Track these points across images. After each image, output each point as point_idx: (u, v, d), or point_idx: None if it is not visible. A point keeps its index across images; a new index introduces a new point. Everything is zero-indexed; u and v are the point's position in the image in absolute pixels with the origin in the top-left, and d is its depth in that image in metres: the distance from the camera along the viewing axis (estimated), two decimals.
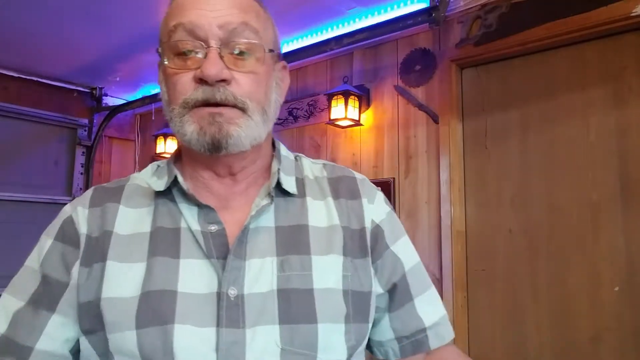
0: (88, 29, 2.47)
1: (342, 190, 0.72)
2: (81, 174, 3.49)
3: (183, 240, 0.63)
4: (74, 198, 3.38)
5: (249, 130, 0.63)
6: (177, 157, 0.73)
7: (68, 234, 0.66)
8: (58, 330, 0.63)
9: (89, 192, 0.71)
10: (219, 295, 0.60)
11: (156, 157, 3.43)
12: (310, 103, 2.64)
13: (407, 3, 2.15)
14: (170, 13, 0.65)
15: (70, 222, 0.67)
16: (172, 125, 0.64)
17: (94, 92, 3.48)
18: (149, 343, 0.58)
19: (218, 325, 0.58)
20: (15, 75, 3.13)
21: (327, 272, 0.64)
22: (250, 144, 0.63)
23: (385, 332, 0.72)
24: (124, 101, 3.49)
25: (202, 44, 0.61)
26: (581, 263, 1.77)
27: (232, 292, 0.60)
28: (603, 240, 1.74)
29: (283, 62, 0.72)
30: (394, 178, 2.27)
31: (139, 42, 2.61)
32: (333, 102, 2.32)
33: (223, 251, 0.62)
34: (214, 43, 0.61)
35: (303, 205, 0.69)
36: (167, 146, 3.27)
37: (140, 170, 0.75)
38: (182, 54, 0.62)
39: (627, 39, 1.74)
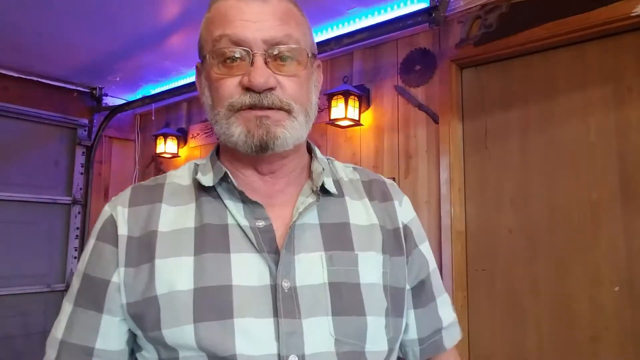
0: (88, 29, 2.47)
1: (375, 192, 0.77)
2: (81, 174, 3.48)
3: (232, 235, 0.66)
4: (73, 198, 3.42)
5: (293, 130, 0.66)
6: (217, 155, 0.75)
7: (109, 234, 0.68)
8: (111, 329, 0.65)
9: (127, 191, 0.72)
10: (273, 287, 0.63)
11: (156, 157, 3.43)
12: None
13: (407, 3, 2.15)
14: (212, 20, 0.67)
15: (111, 222, 0.68)
16: (218, 128, 0.67)
17: (94, 92, 3.47)
18: (207, 337, 0.60)
19: (276, 316, 0.61)
20: (15, 75, 3.13)
21: (370, 267, 0.68)
22: (294, 143, 0.67)
23: (409, 331, 0.76)
24: (124, 101, 3.49)
25: (248, 50, 0.63)
26: (581, 263, 1.77)
27: (286, 284, 0.63)
28: (603, 240, 1.74)
29: (318, 61, 0.74)
30: (394, 178, 2.26)
31: (139, 42, 2.61)
32: (333, 102, 2.32)
33: (272, 246, 0.65)
34: (258, 51, 0.63)
35: (343, 205, 0.73)
36: (167, 146, 3.27)
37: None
38: (227, 60, 0.64)
39: (627, 39, 1.74)
